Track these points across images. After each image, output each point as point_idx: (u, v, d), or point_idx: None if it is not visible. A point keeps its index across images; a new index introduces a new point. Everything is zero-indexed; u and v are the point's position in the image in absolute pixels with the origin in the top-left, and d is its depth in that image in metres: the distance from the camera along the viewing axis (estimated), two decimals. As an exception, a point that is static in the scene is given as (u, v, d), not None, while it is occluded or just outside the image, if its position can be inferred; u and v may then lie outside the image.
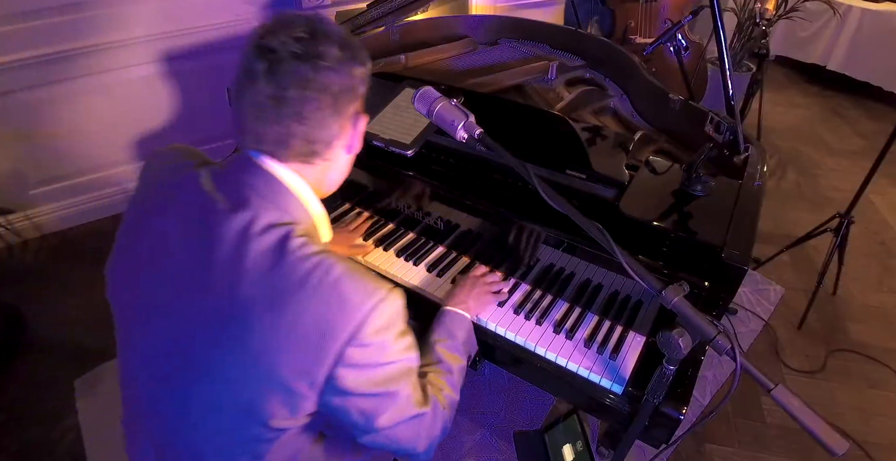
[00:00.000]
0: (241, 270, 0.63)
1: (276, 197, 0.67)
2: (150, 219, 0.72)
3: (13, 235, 2.32)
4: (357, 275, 0.64)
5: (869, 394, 1.78)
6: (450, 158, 1.23)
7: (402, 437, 0.73)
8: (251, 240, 0.63)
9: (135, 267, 0.73)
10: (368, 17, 1.53)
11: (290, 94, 0.62)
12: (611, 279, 1.08)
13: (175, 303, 0.68)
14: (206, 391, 0.67)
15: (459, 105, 0.83)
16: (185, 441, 0.73)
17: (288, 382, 0.63)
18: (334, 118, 0.67)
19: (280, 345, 0.62)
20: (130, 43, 2.19)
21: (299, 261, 0.62)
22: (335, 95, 0.65)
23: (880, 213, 2.70)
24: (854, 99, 3.92)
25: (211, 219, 0.65)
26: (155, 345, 0.70)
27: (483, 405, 1.68)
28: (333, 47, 0.63)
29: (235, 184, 0.67)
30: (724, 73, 1.22)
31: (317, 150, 0.68)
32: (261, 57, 0.62)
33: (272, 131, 0.65)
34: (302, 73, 0.62)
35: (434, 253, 1.26)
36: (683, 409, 0.91)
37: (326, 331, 0.61)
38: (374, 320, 0.63)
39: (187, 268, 0.66)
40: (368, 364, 0.65)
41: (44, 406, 1.68)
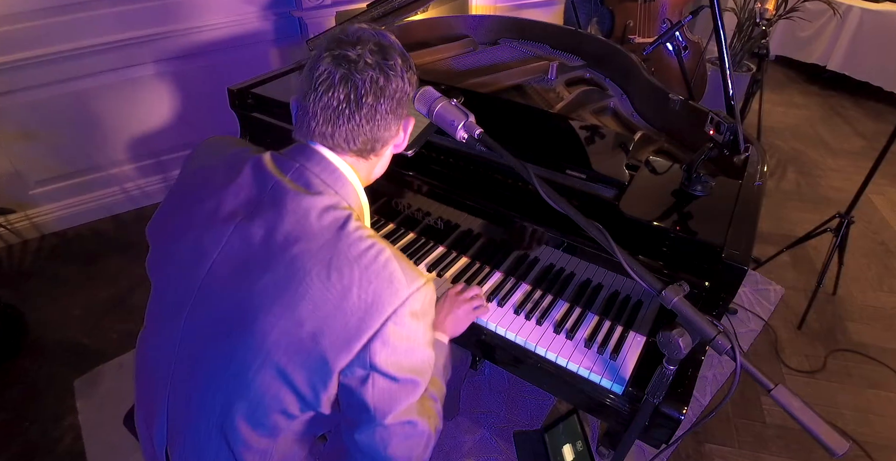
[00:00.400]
0: (304, 242, 0.68)
1: (336, 183, 0.75)
2: (214, 191, 0.76)
3: (13, 235, 2.32)
4: (404, 261, 0.71)
5: (869, 394, 1.78)
6: (450, 158, 1.23)
7: (393, 445, 0.73)
8: (314, 218, 0.70)
9: (189, 233, 0.75)
10: (368, 17, 1.53)
11: (367, 100, 0.70)
12: (611, 279, 1.08)
13: (230, 269, 0.71)
14: (247, 348, 0.69)
15: (459, 105, 0.83)
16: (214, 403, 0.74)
17: (327, 351, 0.66)
18: (395, 120, 0.75)
19: (328, 313, 0.66)
20: (130, 43, 2.19)
21: (357, 241, 0.69)
22: (398, 100, 0.73)
23: (880, 212, 2.70)
24: (854, 99, 3.93)
25: (278, 195, 0.72)
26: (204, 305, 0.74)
27: (483, 405, 1.68)
28: (398, 58, 0.72)
29: (299, 168, 0.74)
30: (724, 73, 1.22)
31: (376, 147, 0.76)
32: (340, 65, 0.69)
33: (345, 131, 0.72)
34: (377, 81, 0.70)
35: (434, 253, 1.26)
36: (683, 409, 0.91)
37: (373, 304, 0.66)
38: (414, 303, 0.68)
39: (244, 236, 0.71)
40: (400, 346, 0.69)
41: (44, 406, 1.68)
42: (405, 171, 1.22)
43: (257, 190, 0.73)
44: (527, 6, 3.22)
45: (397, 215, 1.32)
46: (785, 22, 3.72)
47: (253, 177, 0.74)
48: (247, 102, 1.47)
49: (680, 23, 1.69)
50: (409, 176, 1.22)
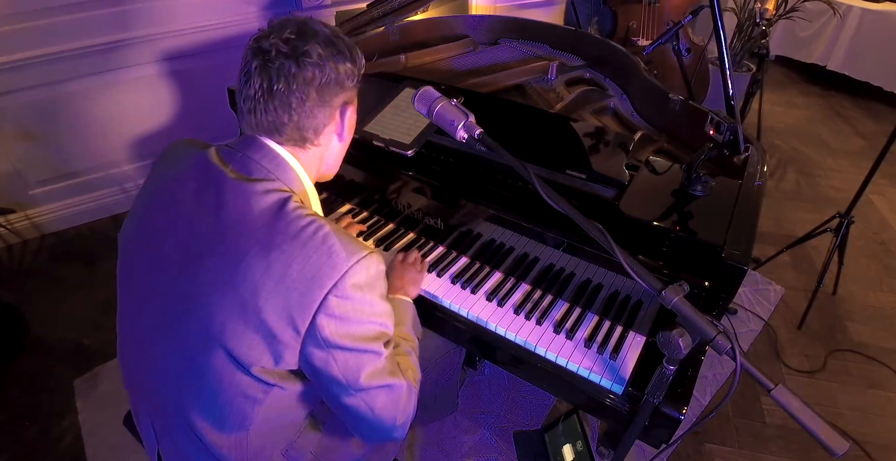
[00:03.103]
0: (244, 224, 0.71)
1: (277, 169, 0.76)
2: (164, 195, 0.79)
3: (13, 235, 2.32)
4: (344, 236, 0.72)
5: (869, 394, 1.78)
6: (450, 158, 1.23)
7: (379, 406, 0.75)
8: (254, 200, 0.72)
9: (148, 230, 0.79)
10: (368, 17, 1.53)
11: (279, 87, 0.72)
12: (611, 279, 1.08)
13: (176, 258, 0.74)
14: (196, 331, 0.72)
15: (459, 105, 0.83)
16: (175, 398, 0.77)
17: (273, 328, 0.68)
18: (320, 108, 0.76)
19: (270, 291, 0.67)
20: (131, 43, 2.19)
21: (295, 219, 0.70)
22: (319, 88, 0.74)
23: (880, 212, 2.70)
24: (854, 99, 3.93)
25: (219, 183, 0.74)
26: (154, 297, 0.77)
27: (483, 405, 1.68)
28: (318, 45, 0.72)
29: (242, 157, 0.76)
30: (724, 73, 1.22)
31: (307, 136, 0.78)
32: (255, 56, 0.72)
33: (265, 120, 0.75)
34: (288, 69, 0.71)
35: (434, 253, 1.26)
36: (683, 409, 0.91)
37: (313, 278, 0.67)
38: (355, 275, 0.69)
39: (193, 226, 0.74)
40: (348, 317, 0.70)
41: (44, 406, 1.68)
42: (405, 171, 1.22)
43: (202, 182, 0.75)
44: (527, 6, 3.22)
45: (397, 215, 1.32)
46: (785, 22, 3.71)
47: (198, 170, 0.77)
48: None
49: (680, 23, 1.69)
50: (409, 176, 1.22)
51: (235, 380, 0.72)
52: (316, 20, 0.76)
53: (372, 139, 1.24)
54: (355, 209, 1.39)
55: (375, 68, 1.68)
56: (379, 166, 1.27)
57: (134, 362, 0.84)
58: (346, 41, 0.77)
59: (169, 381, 0.78)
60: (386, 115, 1.29)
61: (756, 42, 2.72)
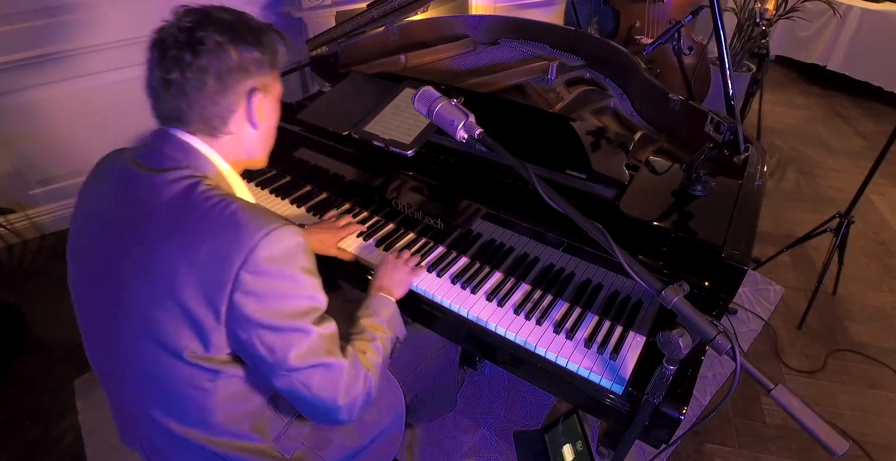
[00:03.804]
0: (156, 215, 0.71)
1: (187, 157, 0.76)
2: (94, 203, 0.81)
3: (13, 235, 2.32)
4: (253, 210, 0.70)
5: (869, 394, 1.78)
6: (450, 158, 1.23)
7: (316, 385, 0.74)
8: (164, 190, 0.72)
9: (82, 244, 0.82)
10: (368, 17, 1.53)
11: (173, 76, 0.71)
12: (611, 279, 1.08)
13: (104, 260, 0.76)
14: (131, 328, 0.73)
15: (459, 105, 0.83)
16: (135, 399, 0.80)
17: (194, 311, 0.68)
18: (222, 96, 0.74)
19: (184, 273, 0.67)
20: (131, 43, 2.19)
21: (203, 201, 0.70)
22: (218, 75, 0.72)
23: (880, 212, 2.70)
24: (854, 99, 3.93)
25: (132, 181, 0.75)
26: (92, 303, 0.80)
27: (483, 405, 1.68)
28: (214, 32, 0.71)
29: (153, 153, 0.76)
30: (724, 73, 1.22)
31: (214, 124, 0.76)
32: (153, 48, 0.72)
33: (167, 109, 0.74)
34: (181, 58, 0.70)
35: (434, 253, 1.26)
36: (683, 409, 0.91)
37: (223, 257, 0.67)
38: (265, 248, 0.67)
39: (114, 228, 0.75)
40: (267, 293, 0.69)
41: (44, 406, 1.68)
42: (405, 171, 1.22)
43: (119, 187, 0.76)
44: (527, 6, 3.22)
45: (397, 215, 1.32)
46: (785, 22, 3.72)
47: (115, 177, 0.78)
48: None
49: (680, 23, 1.69)
50: (409, 176, 1.22)
51: (177, 371, 0.72)
52: (224, 7, 0.75)
53: (372, 139, 1.24)
54: (355, 209, 1.39)
55: (375, 68, 1.69)
56: (379, 166, 1.27)
57: (98, 371, 0.85)
58: (254, 26, 0.75)
59: (126, 386, 0.79)
60: (386, 115, 1.29)
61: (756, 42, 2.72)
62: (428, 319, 1.19)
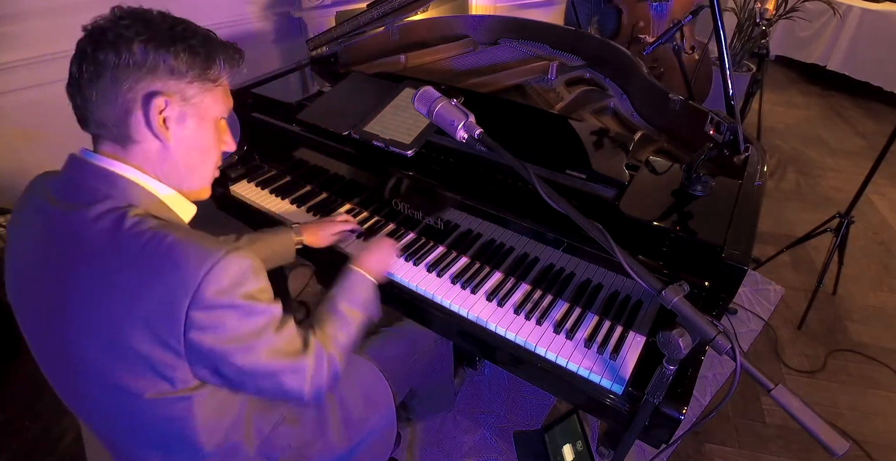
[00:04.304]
0: (82, 259, 0.65)
1: (107, 186, 0.69)
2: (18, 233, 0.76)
3: (13, 235, 2.32)
4: (191, 241, 0.64)
5: (869, 394, 1.78)
6: (450, 158, 1.23)
7: (283, 383, 0.74)
8: (86, 231, 0.65)
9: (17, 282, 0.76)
10: (368, 17, 1.53)
11: (73, 68, 0.68)
12: (611, 279, 1.08)
13: (37, 306, 0.71)
14: (88, 381, 0.70)
15: (459, 105, 0.83)
16: (115, 441, 0.78)
17: (149, 355, 0.64)
18: (113, 91, 0.67)
19: (130, 322, 0.63)
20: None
21: (133, 238, 0.64)
22: (113, 70, 0.65)
23: (880, 213, 2.70)
24: (854, 99, 3.93)
25: (50, 220, 0.69)
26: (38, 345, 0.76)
27: (483, 405, 1.68)
28: (120, 26, 0.65)
29: (67, 184, 0.71)
30: (724, 73, 1.22)
31: (115, 132, 0.69)
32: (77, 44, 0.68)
33: (77, 114, 0.70)
34: (84, 50, 0.66)
35: (434, 253, 1.26)
36: (683, 409, 0.91)
37: (169, 300, 0.62)
38: (212, 283, 0.63)
39: (39, 271, 0.70)
40: (222, 324, 0.65)
41: (44, 406, 1.68)
42: (405, 171, 1.22)
43: (37, 223, 0.71)
44: (527, 6, 3.22)
45: (397, 215, 1.32)
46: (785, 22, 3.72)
47: (33, 210, 0.73)
48: (246, 102, 1.47)
49: (680, 23, 1.70)
50: (409, 176, 1.22)
51: (148, 410, 0.70)
52: (163, 12, 0.71)
53: (372, 139, 1.24)
54: (355, 209, 1.39)
55: (375, 68, 1.68)
56: (379, 166, 1.27)
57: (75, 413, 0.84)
58: (181, 31, 0.70)
59: (102, 431, 0.79)
60: (386, 115, 1.29)
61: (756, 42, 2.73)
62: (427, 319, 1.20)
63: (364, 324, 0.95)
